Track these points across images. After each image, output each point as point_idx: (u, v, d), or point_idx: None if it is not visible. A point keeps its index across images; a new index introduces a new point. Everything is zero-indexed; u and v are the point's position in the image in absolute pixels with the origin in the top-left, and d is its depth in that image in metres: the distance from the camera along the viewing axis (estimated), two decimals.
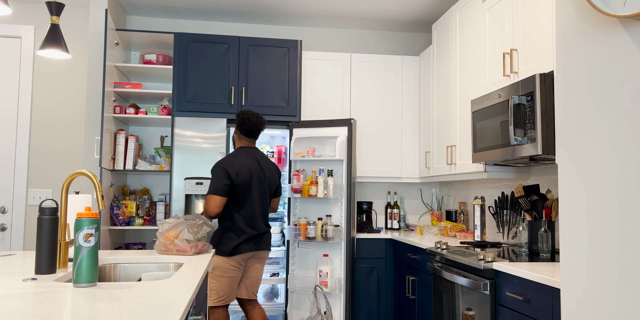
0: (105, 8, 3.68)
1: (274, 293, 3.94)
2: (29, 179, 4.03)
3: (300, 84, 3.88)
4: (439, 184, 4.53)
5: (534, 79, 2.33)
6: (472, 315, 2.46)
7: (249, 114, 3.10)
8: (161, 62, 3.91)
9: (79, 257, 1.57)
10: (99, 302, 1.33)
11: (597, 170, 1.45)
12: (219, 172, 2.97)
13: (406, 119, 4.23)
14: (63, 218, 1.91)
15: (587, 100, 1.50)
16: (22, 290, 1.47)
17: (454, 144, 3.42)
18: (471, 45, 3.22)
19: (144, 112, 3.84)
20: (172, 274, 1.97)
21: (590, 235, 1.47)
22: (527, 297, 2.02)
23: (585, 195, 1.50)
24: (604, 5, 1.37)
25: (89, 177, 1.87)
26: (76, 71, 4.14)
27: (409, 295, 3.42)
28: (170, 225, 2.34)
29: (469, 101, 3.21)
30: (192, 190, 3.62)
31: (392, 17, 4.32)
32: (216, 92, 3.76)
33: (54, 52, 2.49)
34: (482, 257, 2.31)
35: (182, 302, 1.33)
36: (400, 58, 4.26)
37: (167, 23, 4.35)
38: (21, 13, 4.09)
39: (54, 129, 4.08)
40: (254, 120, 3.10)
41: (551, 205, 2.72)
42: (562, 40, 1.62)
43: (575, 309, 1.53)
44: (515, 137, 2.41)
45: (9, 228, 3.95)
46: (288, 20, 4.39)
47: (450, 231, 3.59)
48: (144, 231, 4.15)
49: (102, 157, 3.42)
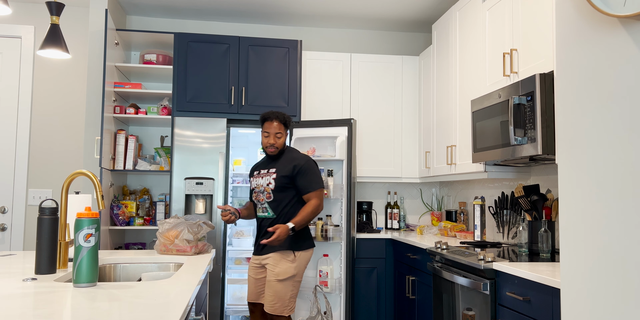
0: (105, 8, 3.68)
1: None
2: (29, 179, 4.03)
3: (300, 84, 3.88)
4: (439, 184, 4.53)
5: (534, 79, 2.33)
6: (472, 315, 2.46)
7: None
8: (161, 62, 3.91)
9: (79, 257, 1.57)
10: (99, 302, 1.33)
11: (597, 170, 1.45)
12: (315, 165, 3.01)
13: (406, 119, 4.23)
14: (63, 218, 1.91)
15: (587, 100, 1.50)
16: (22, 290, 1.47)
17: (454, 144, 3.42)
18: (471, 45, 3.22)
19: (144, 112, 3.84)
20: (172, 274, 1.97)
21: (590, 235, 1.47)
22: (527, 297, 2.02)
23: (585, 195, 1.50)
24: (604, 5, 1.37)
25: (89, 177, 1.87)
26: (76, 71, 4.14)
27: (409, 295, 3.42)
28: (170, 225, 2.34)
29: (469, 101, 3.21)
30: (192, 190, 3.62)
31: (392, 17, 4.32)
32: (216, 92, 3.76)
33: (54, 52, 2.49)
34: (482, 257, 2.31)
35: (182, 302, 1.33)
36: (400, 58, 4.26)
37: (167, 23, 4.35)
38: (21, 13, 4.09)
39: (54, 129, 4.08)
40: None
41: (551, 205, 2.72)
42: (562, 40, 1.62)
43: (575, 309, 1.53)
44: (515, 137, 2.41)
45: (9, 228, 3.95)
46: (288, 20, 4.39)
47: (450, 231, 3.59)
48: (144, 231, 4.15)
49: (102, 157, 3.42)
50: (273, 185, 2.95)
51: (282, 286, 2.85)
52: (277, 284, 2.85)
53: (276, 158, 3.05)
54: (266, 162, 3.11)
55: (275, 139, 2.98)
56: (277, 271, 2.85)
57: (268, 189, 2.97)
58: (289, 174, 2.94)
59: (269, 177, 2.98)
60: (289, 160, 3.00)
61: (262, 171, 3.05)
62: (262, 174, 3.04)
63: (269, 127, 2.98)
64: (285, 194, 2.96)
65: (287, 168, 2.95)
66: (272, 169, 3.01)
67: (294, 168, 2.94)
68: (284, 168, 2.96)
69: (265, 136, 3.00)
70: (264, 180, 3.00)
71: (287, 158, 3.02)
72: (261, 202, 3.00)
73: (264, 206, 2.99)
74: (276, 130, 2.98)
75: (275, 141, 2.98)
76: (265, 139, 3.00)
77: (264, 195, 2.99)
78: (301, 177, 2.94)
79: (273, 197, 2.96)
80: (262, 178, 3.02)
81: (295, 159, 2.99)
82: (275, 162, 3.04)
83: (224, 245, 3.68)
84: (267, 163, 3.08)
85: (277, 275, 2.85)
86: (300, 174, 2.94)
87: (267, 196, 2.98)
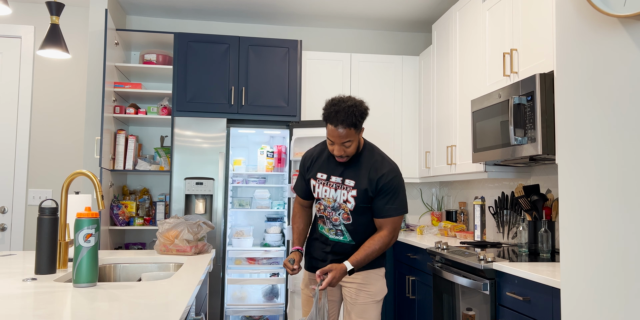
0: (105, 8, 3.68)
1: (274, 293, 3.94)
2: (29, 179, 4.03)
3: (300, 84, 3.88)
4: (439, 184, 4.52)
5: (534, 79, 2.33)
6: (472, 315, 2.46)
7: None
8: (161, 62, 3.91)
9: (79, 257, 1.57)
10: (99, 302, 1.33)
11: (596, 170, 1.45)
12: (403, 181, 2.28)
13: (406, 119, 4.23)
14: (63, 218, 1.91)
15: (587, 100, 1.50)
16: (22, 290, 1.47)
17: (454, 144, 3.42)
18: (471, 45, 3.22)
19: (144, 112, 3.84)
20: (172, 274, 1.97)
21: (591, 235, 1.47)
22: (527, 297, 2.02)
23: (585, 195, 1.50)
24: (604, 5, 1.37)
25: (89, 177, 1.87)
26: (76, 71, 4.14)
27: (409, 295, 3.42)
28: (170, 225, 2.34)
29: (469, 101, 3.21)
30: (192, 190, 3.62)
31: (392, 17, 4.32)
32: (216, 92, 3.76)
33: (54, 52, 2.49)
34: (482, 257, 2.31)
35: (182, 302, 1.33)
36: (400, 58, 4.26)
37: (167, 23, 4.35)
38: (21, 13, 4.09)
39: (54, 129, 4.08)
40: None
41: (551, 205, 2.72)
42: (562, 40, 1.62)
43: (575, 309, 1.53)
44: (515, 137, 2.41)
45: (9, 228, 3.95)
46: (288, 20, 4.39)
47: (450, 231, 3.59)
48: (144, 231, 4.15)
49: (102, 157, 3.42)
50: (353, 204, 2.22)
51: (376, 308, 2.29)
52: (375, 306, 2.28)
53: (350, 160, 2.28)
54: (333, 160, 2.31)
55: (343, 149, 2.18)
56: (375, 291, 2.27)
57: (346, 208, 2.24)
58: (372, 191, 2.21)
59: (345, 192, 2.23)
60: (372, 168, 2.23)
61: (333, 178, 2.27)
62: (334, 183, 2.27)
63: (332, 135, 2.15)
64: (366, 216, 2.25)
65: (371, 181, 2.21)
66: (350, 180, 2.23)
67: (378, 182, 2.20)
68: (366, 181, 2.21)
69: (330, 144, 2.19)
70: (338, 194, 2.25)
71: (369, 164, 2.24)
72: (334, 222, 2.28)
73: (339, 228, 2.28)
74: (343, 139, 2.14)
75: (345, 151, 2.19)
76: (331, 146, 2.21)
77: (339, 215, 2.26)
78: (383, 197, 2.20)
79: (352, 219, 2.25)
80: (335, 190, 2.26)
81: (379, 169, 2.22)
82: (348, 166, 2.27)
83: (224, 245, 3.68)
84: (337, 164, 2.29)
85: (375, 296, 2.26)
86: (384, 192, 2.20)
87: (345, 217, 2.25)
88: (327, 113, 2.14)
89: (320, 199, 2.31)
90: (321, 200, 2.31)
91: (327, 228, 2.32)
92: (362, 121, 2.16)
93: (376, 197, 2.21)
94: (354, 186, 2.22)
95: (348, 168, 2.26)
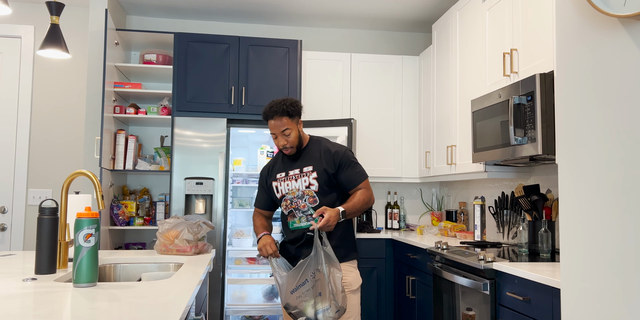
0: (105, 8, 3.68)
1: (274, 293, 3.93)
2: (29, 179, 4.03)
3: (300, 84, 3.88)
4: (439, 184, 4.52)
5: (534, 79, 2.33)
6: (472, 315, 2.46)
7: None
8: (161, 62, 3.91)
9: (79, 257, 1.57)
10: (99, 302, 1.33)
11: (596, 170, 1.45)
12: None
13: (406, 119, 4.23)
14: (63, 218, 1.91)
15: (587, 100, 1.50)
16: (22, 290, 1.47)
17: (454, 144, 3.42)
18: (471, 45, 3.22)
19: (144, 112, 3.84)
20: (172, 274, 1.97)
21: (590, 235, 1.47)
22: (527, 297, 2.02)
23: (585, 195, 1.50)
24: (604, 5, 1.37)
25: (89, 177, 1.87)
26: (76, 71, 4.14)
27: (409, 295, 3.42)
28: (170, 225, 2.34)
29: (469, 101, 3.21)
30: (192, 190, 3.62)
31: (392, 17, 4.32)
32: (216, 92, 3.76)
33: (54, 52, 2.48)
34: (482, 257, 2.31)
35: (182, 302, 1.33)
36: (400, 58, 4.26)
37: (167, 23, 4.35)
38: (21, 13, 4.09)
39: (54, 129, 4.08)
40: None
41: (551, 205, 2.72)
42: (562, 40, 1.62)
43: (575, 309, 1.53)
44: (515, 137, 2.41)
45: (9, 228, 3.95)
46: (288, 20, 4.39)
47: (450, 231, 3.59)
48: (144, 231, 4.15)
49: (102, 157, 3.42)
50: (317, 186, 2.38)
51: (356, 298, 2.39)
52: (354, 296, 2.37)
53: (300, 154, 2.48)
54: (287, 160, 2.52)
55: (284, 139, 2.40)
56: (350, 281, 2.37)
57: (310, 192, 2.39)
58: (332, 168, 2.39)
59: (306, 178, 2.40)
60: (324, 151, 2.44)
61: (291, 172, 2.45)
62: (292, 176, 2.44)
63: (271, 127, 2.41)
64: (331, 195, 2.41)
65: (327, 161, 2.40)
66: (307, 166, 2.43)
67: (334, 159, 2.40)
68: (322, 162, 2.41)
69: (274, 138, 2.43)
70: (299, 183, 2.41)
71: (319, 149, 2.46)
72: (303, 209, 2.40)
73: (309, 213, 2.39)
74: (280, 128, 2.38)
75: (287, 140, 2.40)
76: (275, 140, 2.44)
77: (305, 201, 2.39)
78: (345, 169, 2.40)
79: (319, 200, 2.38)
80: (296, 181, 2.42)
81: (331, 148, 2.44)
82: (301, 158, 2.47)
83: (224, 245, 3.68)
84: (291, 161, 2.49)
85: (351, 286, 2.36)
86: (343, 165, 2.40)
87: (311, 201, 2.38)
88: (264, 111, 2.42)
89: (285, 195, 2.45)
90: (286, 196, 2.45)
91: (297, 219, 2.43)
92: (294, 110, 2.41)
93: (338, 172, 2.40)
94: (313, 169, 2.41)
95: (301, 159, 2.47)
